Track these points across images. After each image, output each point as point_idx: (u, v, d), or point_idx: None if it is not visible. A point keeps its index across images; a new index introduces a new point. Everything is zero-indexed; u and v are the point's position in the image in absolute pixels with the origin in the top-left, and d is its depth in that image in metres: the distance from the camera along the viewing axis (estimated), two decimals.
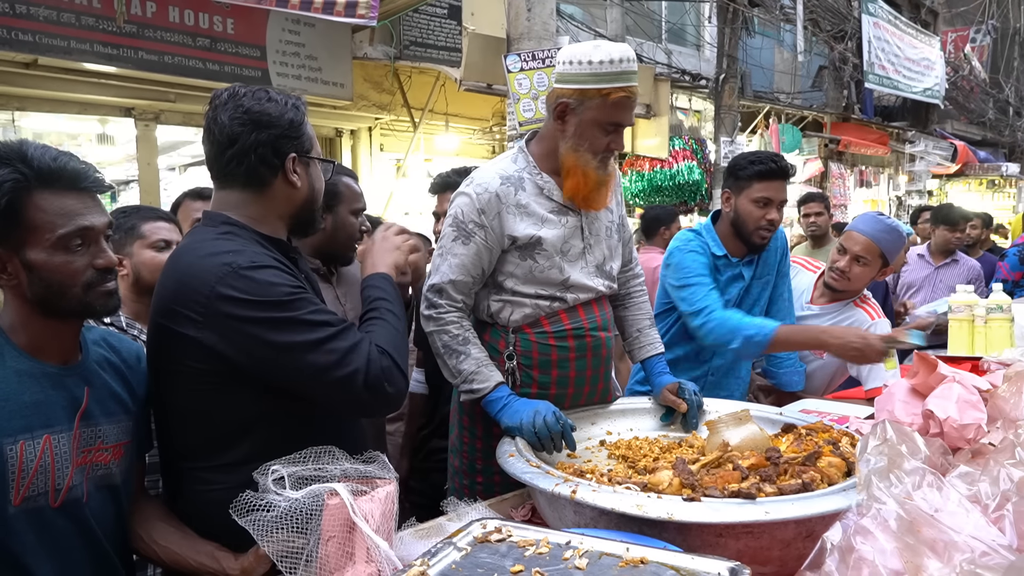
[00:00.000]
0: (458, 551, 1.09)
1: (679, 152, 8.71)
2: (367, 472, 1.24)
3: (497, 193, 1.78)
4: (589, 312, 1.86)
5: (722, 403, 1.96)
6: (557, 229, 1.80)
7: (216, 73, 5.37)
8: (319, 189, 1.55)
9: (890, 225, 2.60)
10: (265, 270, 1.36)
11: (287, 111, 1.46)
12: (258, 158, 1.42)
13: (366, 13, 4.41)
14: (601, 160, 1.78)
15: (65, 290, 1.24)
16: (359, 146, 7.07)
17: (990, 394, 1.41)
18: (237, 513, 1.13)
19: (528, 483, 1.35)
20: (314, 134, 1.56)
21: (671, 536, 1.15)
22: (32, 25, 4.54)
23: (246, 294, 1.32)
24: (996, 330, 2.28)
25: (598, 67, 1.69)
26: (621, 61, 1.70)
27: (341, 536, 1.14)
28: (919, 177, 13.78)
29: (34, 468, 1.21)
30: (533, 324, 1.83)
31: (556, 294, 1.81)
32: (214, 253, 1.37)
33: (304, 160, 1.49)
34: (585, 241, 1.85)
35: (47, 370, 1.27)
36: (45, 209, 1.21)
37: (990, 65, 15.83)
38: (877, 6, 10.78)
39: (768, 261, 2.55)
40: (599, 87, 1.70)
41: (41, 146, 1.25)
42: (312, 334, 1.35)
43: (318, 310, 1.39)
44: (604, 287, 1.88)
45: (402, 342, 1.50)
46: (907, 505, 0.93)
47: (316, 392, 1.39)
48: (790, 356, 2.65)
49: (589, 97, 1.71)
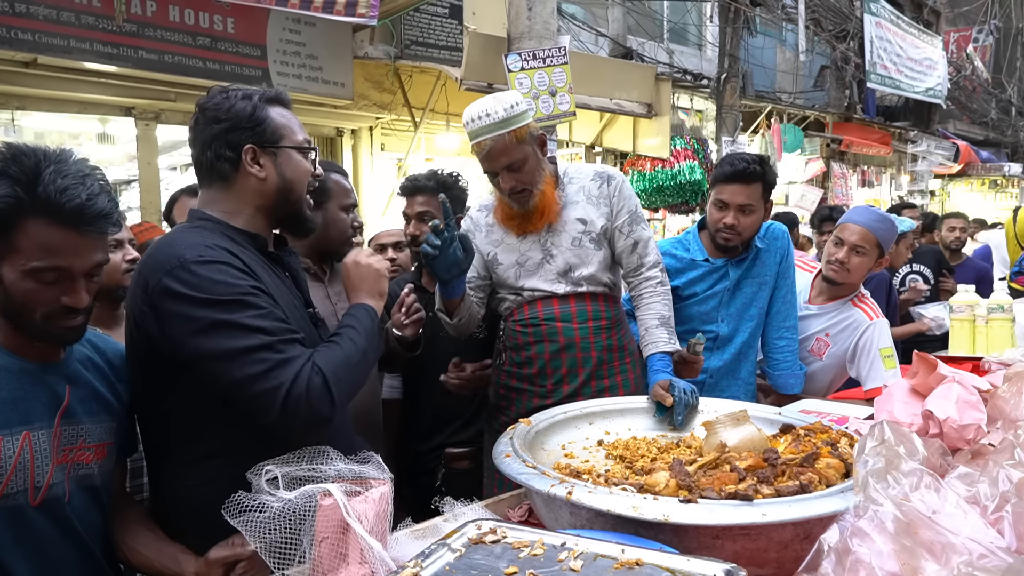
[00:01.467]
0: (452, 552, 1.08)
1: (680, 152, 8.69)
2: (361, 473, 1.23)
3: (472, 217, 2.28)
4: (547, 306, 2.18)
5: (721, 403, 1.95)
6: (511, 248, 2.20)
7: (216, 72, 5.37)
8: (294, 179, 1.50)
9: (882, 215, 2.65)
10: (213, 266, 1.32)
11: (236, 103, 1.44)
12: (214, 153, 1.44)
13: (366, 12, 4.41)
14: (511, 196, 2.10)
15: (25, 313, 1.23)
16: (360, 146, 7.07)
17: (990, 394, 1.40)
18: (229, 514, 1.12)
19: (524, 484, 1.34)
20: (290, 124, 1.52)
21: (667, 538, 1.14)
22: (32, 24, 4.54)
23: (188, 288, 1.30)
24: (997, 330, 2.28)
25: (466, 125, 2.07)
26: (471, 121, 2.04)
27: (334, 537, 1.13)
28: (921, 177, 13.76)
29: (12, 465, 1.20)
30: (509, 314, 2.24)
31: (514, 294, 2.22)
32: (171, 244, 1.36)
33: (270, 151, 1.46)
34: (545, 253, 2.17)
35: (27, 366, 1.26)
36: (31, 236, 1.19)
37: (992, 65, 15.81)
38: (879, 6, 10.77)
39: (766, 262, 2.54)
40: (472, 142, 2.09)
41: (58, 171, 1.20)
42: (244, 340, 1.30)
43: (262, 315, 1.33)
44: (565, 290, 2.17)
45: (348, 368, 1.41)
46: (904, 507, 0.92)
47: (234, 399, 1.33)
48: (787, 358, 2.62)
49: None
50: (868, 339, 2.58)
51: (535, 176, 2.08)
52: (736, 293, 2.53)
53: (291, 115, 1.54)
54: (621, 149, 8.81)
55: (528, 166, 2.06)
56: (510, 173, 2.04)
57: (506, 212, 2.15)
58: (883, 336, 2.58)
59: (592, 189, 2.20)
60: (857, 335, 2.62)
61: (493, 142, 2.00)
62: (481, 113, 1.99)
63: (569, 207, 2.18)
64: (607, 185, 2.20)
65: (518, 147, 2.02)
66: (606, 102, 7.53)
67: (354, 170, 7.05)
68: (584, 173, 2.24)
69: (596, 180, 2.21)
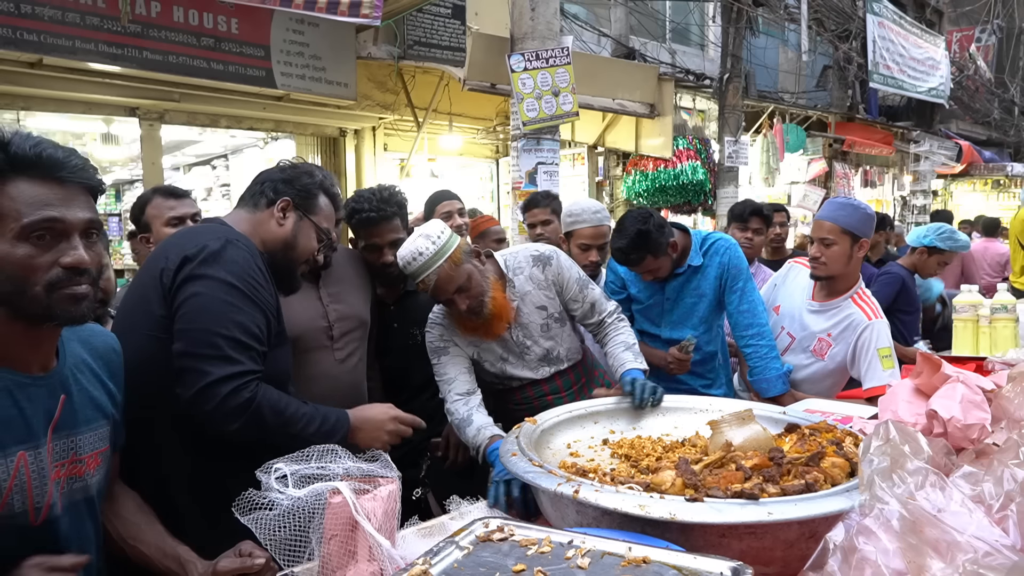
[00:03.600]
0: (460, 550, 1.09)
1: (683, 152, 8.69)
2: (370, 471, 1.24)
3: (444, 325, 2.29)
4: (536, 388, 2.36)
5: (726, 402, 1.96)
6: (489, 349, 2.31)
7: (220, 73, 5.38)
8: (302, 245, 1.80)
9: (844, 203, 2.70)
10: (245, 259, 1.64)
11: (304, 177, 1.83)
12: (260, 188, 1.80)
13: (370, 13, 4.41)
14: (466, 313, 2.15)
15: (26, 287, 1.13)
16: (363, 146, 7.08)
17: (994, 394, 1.41)
18: (239, 511, 1.13)
19: (531, 483, 1.35)
20: (328, 212, 1.87)
21: (674, 536, 1.15)
22: (37, 25, 4.55)
23: (220, 266, 1.59)
24: (1001, 330, 2.28)
25: (404, 268, 2.14)
26: (408, 265, 2.11)
27: (343, 535, 1.14)
28: (924, 177, 13.72)
29: (8, 487, 1.14)
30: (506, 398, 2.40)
31: (501, 384, 2.37)
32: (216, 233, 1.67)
33: (299, 213, 1.79)
34: (520, 347, 2.31)
35: (20, 380, 1.18)
36: (14, 197, 1.12)
37: (995, 65, 15.77)
38: (882, 6, 10.75)
39: (706, 275, 2.75)
40: (416, 281, 2.18)
41: (26, 135, 1.16)
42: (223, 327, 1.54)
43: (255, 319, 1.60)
44: (547, 373, 2.34)
45: (275, 417, 1.56)
46: (910, 505, 0.93)
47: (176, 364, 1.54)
48: (757, 364, 2.71)
49: None
50: (866, 339, 2.59)
51: (483, 287, 2.17)
52: (677, 303, 2.80)
53: (332, 209, 1.89)
54: (623, 149, 8.81)
55: (474, 282, 2.14)
56: (461, 295, 2.12)
57: (467, 326, 2.22)
58: (881, 336, 2.59)
59: (537, 275, 2.34)
60: (856, 335, 2.62)
61: (436, 275, 2.08)
62: (414, 254, 2.06)
63: (525, 299, 2.32)
64: (548, 267, 2.34)
65: (458, 270, 2.10)
66: (609, 102, 7.54)
67: (357, 170, 7.06)
68: (523, 259, 2.36)
69: (537, 265, 2.34)
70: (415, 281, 2.14)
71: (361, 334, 2.43)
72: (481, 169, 8.66)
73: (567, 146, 8.76)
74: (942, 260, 4.03)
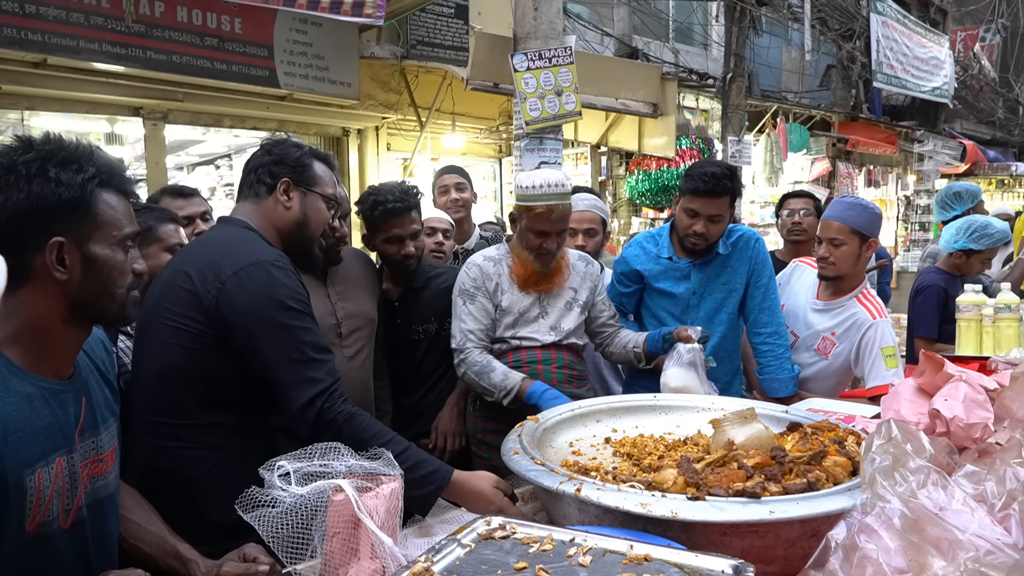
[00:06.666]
0: (462, 548, 1.09)
1: (686, 151, 8.68)
2: (372, 469, 1.24)
3: (480, 266, 2.44)
4: (531, 353, 2.44)
5: (728, 401, 1.96)
6: (515, 301, 2.43)
7: (224, 72, 5.40)
8: (314, 220, 1.81)
9: (852, 202, 2.69)
10: (285, 272, 1.64)
11: (291, 151, 1.80)
12: (256, 176, 1.78)
13: (373, 12, 4.42)
14: (539, 256, 2.36)
15: (115, 290, 1.24)
16: (366, 145, 7.09)
17: (997, 393, 1.40)
18: (242, 508, 1.14)
19: (532, 481, 1.35)
20: (326, 178, 1.85)
21: (675, 535, 1.15)
22: (41, 25, 4.56)
23: (263, 286, 1.60)
24: (1004, 330, 2.28)
25: (535, 189, 2.28)
26: (542, 186, 2.27)
27: (346, 532, 1.15)
28: (928, 177, 13.70)
29: (50, 494, 1.17)
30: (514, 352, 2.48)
31: (500, 343, 2.45)
32: (248, 244, 1.67)
33: (301, 190, 1.79)
34: (541, 310, 2.45)
35: (52, 387, 1.21)
36: (114, 207, 1.24)
37: (999, 64, 15.73)
38: (886, 5, 10.72)
39: (736, 269, 2.66)
40: (538, 203, 2.30)
41: (100, 149, 1.28)
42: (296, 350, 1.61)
43: (312, 329, 1.64)
44: (551, 339, 2.45)
45: (362, 432, 1.57)
46: (912, 503, 0.93)
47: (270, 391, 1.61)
48: (769, 363, 2.66)
49: (524, 211, 2.34)
50: (870, 339, 2.60)
51: (565, 240, 2.42)
52: (704, 298, 2.67)
53: (330, 172, 1.87)
54: (626, 149, 8.80)
55: (565, 235, 2.40)
56: (558, 236, 2.34)
57: (527, 270, 2.38)
58: (884, 336, 2.59)
59: (580, 267, 2.54)
60: (859, 335, 2.63)
61: (564, 208, 2.30)
62: (552, 182, 2.25)
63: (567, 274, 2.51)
64: (591, 265, 2.58)
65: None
66: (612, 102, 7.53)
67: (360, 170, 7.07)
68: (569, 252, 2.56)
69: (581, 260, 2.57)
70: (541, 203, 2.26)
71: (369, 331, 2.45)
72: (484, 169, 8.66)
73: (570, 146, 8.75)
74: (983, 258, 3.52)
